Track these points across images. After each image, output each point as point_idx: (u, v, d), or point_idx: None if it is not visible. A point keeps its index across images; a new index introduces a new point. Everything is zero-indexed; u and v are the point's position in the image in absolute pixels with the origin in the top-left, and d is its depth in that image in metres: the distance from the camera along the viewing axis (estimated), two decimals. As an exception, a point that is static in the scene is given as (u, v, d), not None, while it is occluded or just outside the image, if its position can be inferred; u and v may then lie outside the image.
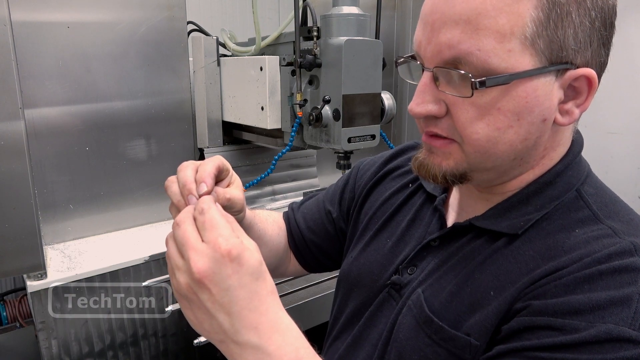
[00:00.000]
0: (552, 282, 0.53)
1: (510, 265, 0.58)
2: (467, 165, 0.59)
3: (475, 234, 0.64)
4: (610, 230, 0.56)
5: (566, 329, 0.49)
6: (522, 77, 0.52)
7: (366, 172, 0.92)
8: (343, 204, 0.93)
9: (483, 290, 0.59)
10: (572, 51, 0.53)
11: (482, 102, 0.54)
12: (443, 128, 0.58)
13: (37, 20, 1.40)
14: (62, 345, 1.42)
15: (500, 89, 0.53)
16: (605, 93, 1.77)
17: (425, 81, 0.57)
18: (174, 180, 0.63)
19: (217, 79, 1.70)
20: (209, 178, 0.61)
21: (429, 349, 0.61)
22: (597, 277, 0.51)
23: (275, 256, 0.92)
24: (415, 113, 0.58)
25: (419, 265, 0.69)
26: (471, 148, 0.57)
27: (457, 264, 0.64)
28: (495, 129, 0.54)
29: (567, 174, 0.62)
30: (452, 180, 0.60)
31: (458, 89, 0.55)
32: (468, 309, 0.60)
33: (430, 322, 0.62)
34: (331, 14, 1.33)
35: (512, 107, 0.54)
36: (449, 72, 0.55)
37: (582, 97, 0.57)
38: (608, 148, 1.65)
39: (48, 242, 1.53)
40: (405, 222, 0.77)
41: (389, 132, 2.34)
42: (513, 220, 0.61)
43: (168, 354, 1.64)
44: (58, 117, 1.48)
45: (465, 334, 0.58)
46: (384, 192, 0.86)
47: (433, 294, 0.64)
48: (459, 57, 0.53)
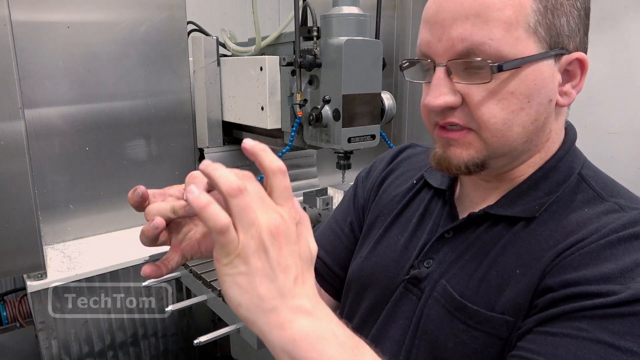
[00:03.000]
0: (575, 252, 0.56)
1: (530, 245, 0.61)
2: (487, 153, 0.62)
3: (492, 222, 0.67)
4: (617, 206, 0.60)
5: (603, 293, 0.52)
6: (531, 60, 0.58)
7: (369, 177, 0.93)
8: (359, 212, 0.92)
9: (509, 270, 0.61)
10: (566, 37, 0.60)
11: (497, 87, 0.58)
12: (460, 117, 0.61)
13: (37, 20, 1.40)
14: (62, 345, 1.42)
15: (512, 74, 0.58)
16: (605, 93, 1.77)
17: (439, 75, 0.60)
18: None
19: (217, 79, 1.70)
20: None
21: (465, 335, 0.62)
22: (616, 244, 0.55)
23: None
24: (434, 106, 0.60)
25: (436, 257, 0.71)
26: (489, 133, 0.60)
27: (478, 252, 0.66)
28: (510, 112, 0.59)
29: (568, 159, 0.66)
30: (474, 169, 0.63)
31: (474, 77, 0.59)
32: (496, 290, 0.62)
33: (463, 308, 0.63)
34: (331, 14, 1.33)
35: (523, 90, 0.58)
36: (463, 63, 0.59)
37: (577, 78, 0.63)
38: (608, 148, 1.65)
39: (48, 242, 1.53)
40: (416, 218, 0.78)
41: (389, 132, 2.35)
42: (527, 205, 0.65)
43: (168, 354, 1.64)
44: (58, 117, 1.48)
45: (500, 313, 0.60)
46: (389, 191, 0.86)
47: (459, 283, 0.66)
48: (472, 48, 0.57)
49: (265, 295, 0.48)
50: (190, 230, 0.60)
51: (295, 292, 0.49)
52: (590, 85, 1.84)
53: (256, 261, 0.48)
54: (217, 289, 1.26)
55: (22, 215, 1.26)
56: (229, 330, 1.18)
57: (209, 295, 1.31)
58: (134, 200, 0.55)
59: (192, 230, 0.60)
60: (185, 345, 1.66)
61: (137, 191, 0.54)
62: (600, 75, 1.61)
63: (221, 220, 0.46)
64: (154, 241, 0.55)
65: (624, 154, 1.63)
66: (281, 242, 0.48)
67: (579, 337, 0.52)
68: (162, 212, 0.54)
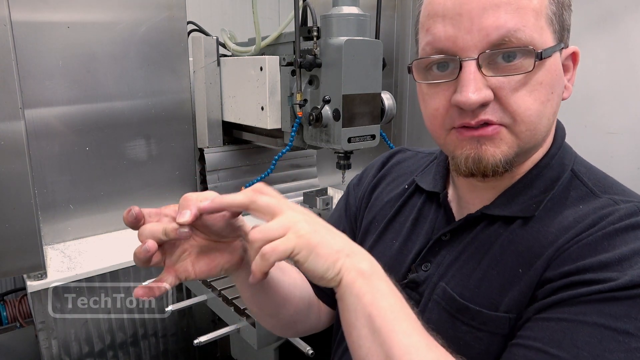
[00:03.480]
0: (573, 245, 0.57)
1: (530, 242, 0.61)
2: (518, 149, 0.60)
3: (488, 222, 0.67)
4: (611, 201, 0.60)
5: (600, 280, 0.52)
6: (556, 50, 0.58)
7: (361, 184, 0.92)
8: (351, 221, 0.91)
9: (510, 269, 0.61)
10: (567, 32, 0.61)
11: (528, 78, 0.57)
12: (493, 114, 0.58)
13: (37, 20, 1.40)
14: (62, 345, 1.42)
15: (542, 64, 0.57)
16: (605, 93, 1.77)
17: (470, 69, 0.57)
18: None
19: (217, 79, 1.70)
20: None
21: (469, 336, 0.62)
22: (614, 235, 0.56)
23: (309, 301, 0.86)
24: (473, 101, 0.57)
25: (433, 260, 0.70)
26: (524, 126, 0.58)
27: (476, 252, 0.66)
28: (541, 102, 0.58)
29: (560, 156, 0.66)
30: (507, 168, 0.61)
31: (510, 68, 0.57)
32: (499, 290, 0.61)
33: (465, 309, 0.63)
34: (331, 14, 1.33)
35: (549, 81, 0.58)
36: (497, 54, 0.56)
37: (570, 72, 0.64)
38: (608, 148, 1.65)
39: (48, 242, 1.53)
40: (410, 222, 0.77)
41: (389, 132, 2.35)
42: (523, 204, 0.64)
43: (168, 354, 1.64)
44: (58, 117, 1.48)
45: (505, 313, 0.60)
46: (381, 197, 0.86)
47: (459, 284, 0.66)
48: (507, 35, 0.55)
49: (343, 246, 0.55)
50: (185, 252, 0.62)
51: (351, 244, 0.57)
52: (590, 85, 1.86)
53: (319, 230, 0.54)
54: (217, 289, 1.26)
55: (22, 215, 1.26)
56: (229, 330, 1.18)
57: (209, 295, 1.31)
58: (128, 220, 0.57)
59: (186, 252, 0.62)
60: (185, 345, 1.66)
61: (131, 212, 0.57)
62: (600, 75, 1.60)
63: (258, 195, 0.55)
64: (147, 263, 0.57)
65: (624, 154, 1.63)
66: (319, 218, 0.56)
67: (576, 321, 0.52)
68: (155, 234, 0.56)
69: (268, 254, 0.51)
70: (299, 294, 0.80)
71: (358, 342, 0.54)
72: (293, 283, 0.79)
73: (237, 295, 1.21)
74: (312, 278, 0.54)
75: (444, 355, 0.53)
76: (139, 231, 0.57)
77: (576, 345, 0.51)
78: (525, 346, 0.54)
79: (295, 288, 0.79)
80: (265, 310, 0.77)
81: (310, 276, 0.54)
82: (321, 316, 0.87)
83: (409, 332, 0.52)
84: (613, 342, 0.50)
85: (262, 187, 0.57)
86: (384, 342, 0.51)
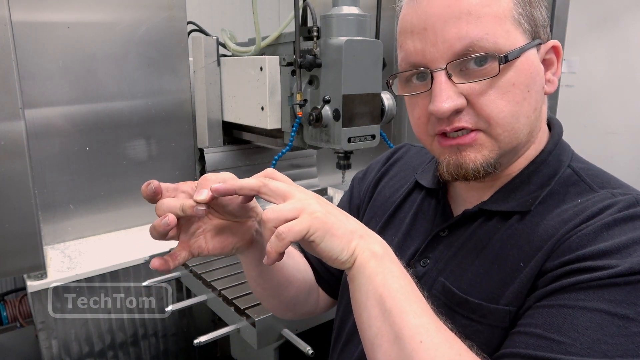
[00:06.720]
0: (573, 236, 0.57)
1: (529, 236, 0.62)
2: (499, 151, 0.62)
3: (486, 217, 0.68)
4: (610, 194, 0.61)
5: (600, 267, 0.53)
6: (524, 50, 0.60)
7: (365, 178, 0.94)
8: (354, 213, 0.92)
9: (511, 264, 0.62)
10: (541, 28, 0.63)
11: (499, 81, 0.59)
12: (468, 120, 0.61)
13: (37, 20, 1.40)
14: (62, 345, 1.42)
15: (510, 66, 0.59)
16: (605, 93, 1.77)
17: (440, 79, 0.60)
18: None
19: (217, 79, 1.70)
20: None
21: (468, 329, 0.62)
22: (613, 225, 0.56)
23: (310, 285, 0.88)
24: (444, 110, 0.59)
25: (432, 256, 0.71)
26: (500, 129, 0.60)
27: (474, 247, 0.67)
28: (515, 103, 0.60)
29: (557, 152, 0.67)
30: (490, 171, 0.63)
31: (478, 75, 0.59)
32: (500, 284, 0.62)
33: (465, 302, 0.64)
34: (331, 14, 1.33)
35: (523, 80, 0.60)
36: (464, 62, 0.59)
37: (554, 66, 0.65)
38: (608, 148, 1.65)
39: (48, 242, 1.53)
40: (409, 218, 0.79)
41: (389, 132, 2.35)
42: (520, 199, 0.65)
43: (168, 354, 1.64)
44: (58, 117, 1.48)
45: (505, 306, 0.61)
46: (383, 192, 0.87)
47: (457, 279, 0.66)
48: (471, 45, 0.58)
49: (355, 228, 0.57)
50: (199, 228, 0.64)
51: (363, 227, 0.59)
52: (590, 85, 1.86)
53: (332, 212, 0.56)
54: (217, 289, 1.26)
55: (22, 215, 1.26)
56: (229, 330, 1.18)
57: (209, 295, 1.31)
58: (146, 193, 0.60)
59: (200, 228, 0.64)
60: (185, 345, 1.66)
61: (150, 185, 0.59)
62: (600, 75, 1.61)
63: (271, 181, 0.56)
64: (164, 236, 0.60)
65: (624, 154, 1.63)
66: (327, 204, 0.57)
67: (576, 307, 0.53)
68: (172, 209, 0.59)
69: (284, 233, 0.52)
70: (302, 277, 0.83)
71: (368, 323, 0.55)
72: (296, 266, 0.82)
73: (237, 295, 1.21)
74: (327, 259, 0.55)
75: (453, 337, 0.54)
76: (157, 205, 0.59)
77: (576, 330, 0.51)
78: (526, 333, 0.55)
79: (298, 272, 0.82)
80: (268, 290, 0.79)
81: (325, 257, 0.55)
82: (319, 301, 0.90)
83: (419, 313, 0.53)
84: (613, 326, 0.50)
85: (273, 172, 0.59)
86: (394, 322, 0.53)
